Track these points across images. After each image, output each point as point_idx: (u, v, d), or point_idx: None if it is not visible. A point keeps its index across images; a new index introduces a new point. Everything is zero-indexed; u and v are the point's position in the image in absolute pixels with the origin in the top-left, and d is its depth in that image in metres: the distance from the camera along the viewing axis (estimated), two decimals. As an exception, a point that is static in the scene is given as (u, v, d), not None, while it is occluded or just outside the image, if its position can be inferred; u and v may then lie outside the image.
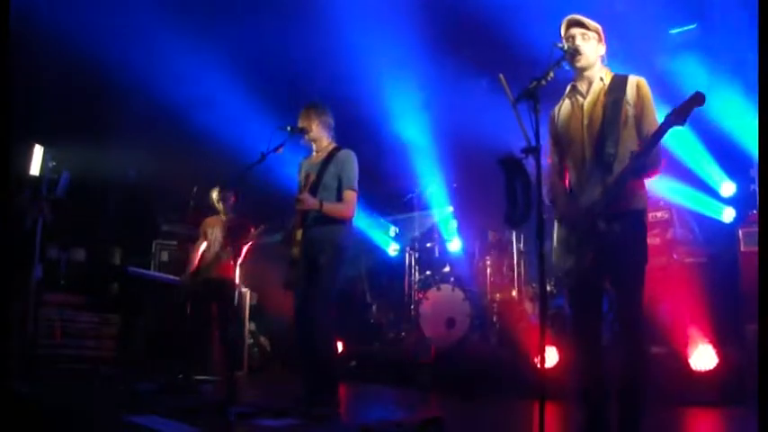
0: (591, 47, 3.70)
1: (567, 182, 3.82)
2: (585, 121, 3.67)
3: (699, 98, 3.30)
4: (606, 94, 3.66)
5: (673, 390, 5.53)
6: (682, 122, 3.31)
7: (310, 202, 5.00)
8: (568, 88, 3.86)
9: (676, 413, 5.30)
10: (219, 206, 7.22)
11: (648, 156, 3.42)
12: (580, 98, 3.76)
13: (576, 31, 3.70)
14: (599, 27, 3.75)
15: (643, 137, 3.55)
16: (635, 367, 3.52)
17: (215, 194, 7.25)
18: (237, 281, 6.32)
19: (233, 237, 6.81)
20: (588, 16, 3.76)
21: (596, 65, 3.77)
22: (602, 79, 3.73)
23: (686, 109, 3.30)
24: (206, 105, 9.32)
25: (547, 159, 3.99)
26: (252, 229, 6.61)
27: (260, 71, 9.11)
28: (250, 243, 6.61)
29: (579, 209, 3.59)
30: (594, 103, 3.69)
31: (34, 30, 7.44)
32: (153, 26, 8.46)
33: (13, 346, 6.79)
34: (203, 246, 7.21)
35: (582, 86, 3.78)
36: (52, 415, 5.02)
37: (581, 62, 3.69)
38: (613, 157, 3.53)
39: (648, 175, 3.59)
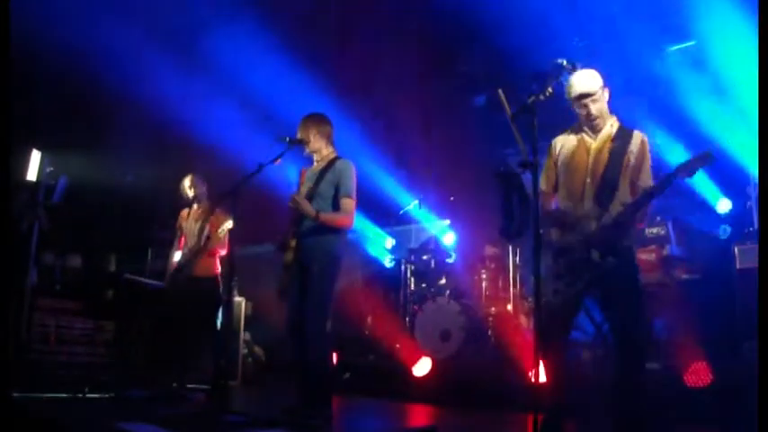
0: (602, 103, 3.91)
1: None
2: (591, 160, 3.85)
3: (707, 158, 3.46)
4: (613, 140, 3.85)
5: (667, 406, 5.52)
6: (689, 176, 3.57)
7: (307, 208, 4.97)
8: (576, 125, 4.02)
9: (671, 430, 5.29)
10: (190, 193, 7.01)
11: (655, 196, 3.68)
12: (588, 138, 3.93)
13: (586, 101, 3.80)
14: (600, 80, 3.85)
15: (636, 186, 3.81)
16: (634, 392, 3.55)
17: (186, 182, 7.04)
18: (227, 280, 6.03)
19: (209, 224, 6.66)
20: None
21: (606, 109, 3.94)
22: (611, 126, 3.93)
23: (694, 166, 3.48)
24: (203, 112, 9.33)
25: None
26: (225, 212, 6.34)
27: (259, 81, 9.12)
28: (228, 229, 6.28)
29: (573, 240, 3.72)
30: (601, 148, 3.87)
31: (32, 35, 7.44)
32: (152, 32, 8.48)
33: (11, 352, 6.76)
34: (181, 242, 7.02)
35: (590, 128, 3.93)
36: (44, 421, 5.00)
37: (598, 122, 3.90)
38: (610, 199, 3.73)
39: (635, 225, 3.87)
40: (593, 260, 3.57)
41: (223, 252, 6.75)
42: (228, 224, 6.22)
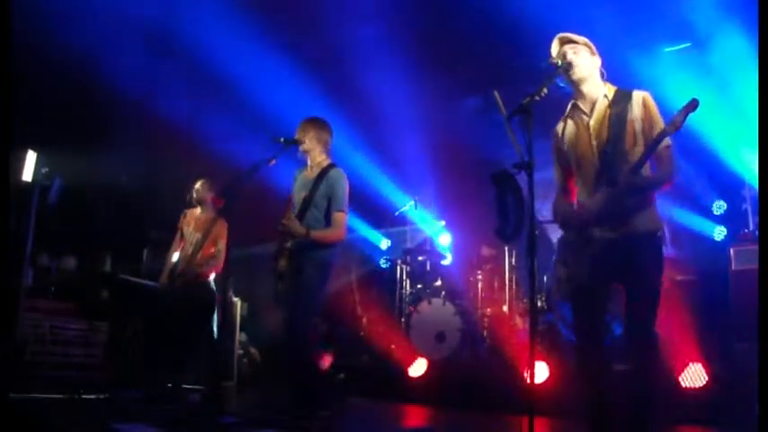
0: (583, 59, 3.71)
1: (573, 199, 3.84)
2: (594, 141, 3.67)
3: (692, 104, 3.35)
4: (610, 108, 3.68)
5: (662, 407, 5.52)
6: (675, 130, 3.40)
7: (297, 229, 4.95)
8: (569, 107, 3.87)
9: (665, 430, 5.29)
10: (195, 195, 6.95)
11: (642, 167, 3.51)
12: (585, 117, 3.76)
13: (566, 47, 3.73)
14: (588, 41, 3.77)
15: (658, 151, 3.59)
16: (645, 382, 3.55)
17: (198, 185, 6.98)
18: (223, 280, 5.98)
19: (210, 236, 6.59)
20: (581, 35, 3.78)
21: (594, 78, 3.78)
22: (605, 96, 3.74)
23: (681, 117, 3.36)
24: (198, 112, 9.31)
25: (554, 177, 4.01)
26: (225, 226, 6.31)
27: (254, 82, 9.11)
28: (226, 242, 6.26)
29: (588, 220, 3.58)
30: (600, 122, 3.69)
31: (27, 35, 7.42)
32: (147, 33, 8.47)
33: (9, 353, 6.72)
34: (180, 244, 6.97)
35: (584, 105, 3.78)
36: (38, 422, 4.99)
37: (576, 74, 3.71)
38: (620, 172, 3.56)
39: (661, 188, 3.72)
40: (594, 238, 3.49)
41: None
42: (222, 245, 6.29)
